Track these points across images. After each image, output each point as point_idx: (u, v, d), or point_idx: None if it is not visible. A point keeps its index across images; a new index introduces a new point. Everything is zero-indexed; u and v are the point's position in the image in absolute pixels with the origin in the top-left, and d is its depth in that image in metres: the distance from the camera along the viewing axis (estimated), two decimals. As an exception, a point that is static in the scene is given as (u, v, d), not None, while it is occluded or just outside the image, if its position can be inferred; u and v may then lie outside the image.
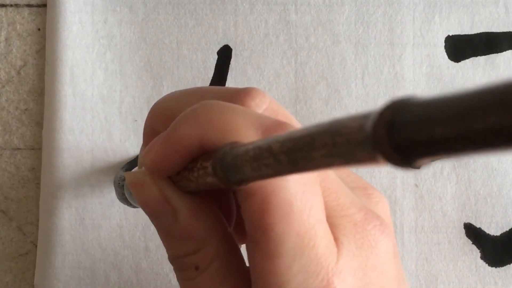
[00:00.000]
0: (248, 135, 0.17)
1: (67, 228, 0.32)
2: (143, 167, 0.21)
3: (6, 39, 0.33)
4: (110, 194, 0.32)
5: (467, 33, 0.33)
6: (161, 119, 0.22)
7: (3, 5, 0.33)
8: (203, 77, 0.33)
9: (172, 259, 0.21)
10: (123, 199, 0.28)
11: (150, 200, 0.20)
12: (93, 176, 0.32)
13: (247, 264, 0.20)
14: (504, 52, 0.33)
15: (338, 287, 0.18)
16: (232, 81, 0.33)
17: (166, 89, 0.33)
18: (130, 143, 0.33)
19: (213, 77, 0.33)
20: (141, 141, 0.33)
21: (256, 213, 0.17)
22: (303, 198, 0.17)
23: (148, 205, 0.20)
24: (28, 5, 0.33)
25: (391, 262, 0.20)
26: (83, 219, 0.32)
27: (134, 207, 0.27)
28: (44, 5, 0.33)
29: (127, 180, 0.21)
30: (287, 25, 0.33)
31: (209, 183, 0.18)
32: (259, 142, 0.15)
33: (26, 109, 0.33)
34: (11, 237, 0.33)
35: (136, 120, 0.33)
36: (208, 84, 0.33)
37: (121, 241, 0.32)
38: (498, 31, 0.33)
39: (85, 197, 0.32)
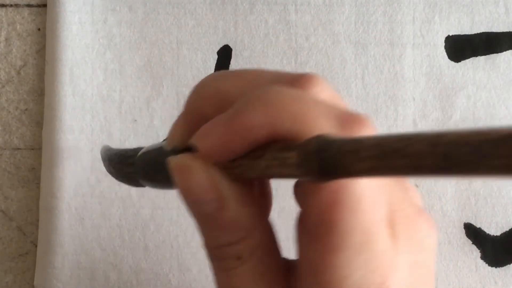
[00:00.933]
0: (325, 126, 0.17)
1: (67, 228, 0.32)
2: (174, 148, 0.20)
3: (6, 39, 0.33)
4: (110, 194, 0.32)
5: (467, 33, 0.33)
6: (211, 100, 0.20)
7: (3, 5, 0.33)
8: (203, 77, 0.33)
9: (211, 248, 0.20)
10: (128, 178, 0.27)
11: (196, 186, 0.19)
12: (93, 176, 0.32)
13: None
14: (504, 52, 0.33)
15: (393, 284, 0.17)
16: (232, 81, 0.33)
17: (166, 89, 0.33)
18: (130, 143, 0.33)
19: (213, 77, 0.33)
20: (140, 141, 0.33)
21: (324, 206, 0.17)
22: (372, 194, 0.17)
23: (193, 192, 0.19)
24: (28, 5, 0.34)
25: (434, 258, 0.20)
26: (83, 219, 0.32)
27: (136, 186, 0.26)
28: (44, 5, 0.33)
29: (171, 164, 0.19)
30: (287, 25, 0.33)
31: (283, 174, 0.17)
32: (377, 140, 0.14)
33: (26, 109, 0.33)
34: (11, 237, 0.33)
35: (135, 120, 0.33)
36: (208, 84, 0.33)
37: (120, 241, 0.32)
38: (498, 31, 0.33)
39: (85, 197, 0.32)
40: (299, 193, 0.19)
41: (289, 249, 0.20)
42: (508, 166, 0.11)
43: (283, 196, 0.33)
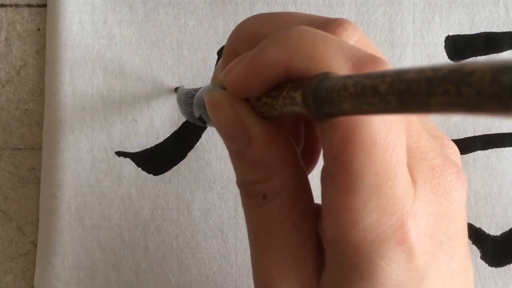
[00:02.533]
0: (339, 66, 0.17)
1: (67, 228, 0.32)
2: (217, 87, 0.20)
3: (6, 39, 0.33)
4: (110, 194, 0.32)
5: (467, 33, 0.33)
6: (245, 40, 0.21)
7: (3, 5, 0.33)
8: (203, 77, 0.33)
9: (240, 184, 0.21)
10: (191, 116, 0.28)
11: (226, 122, 0.19)
12: (93, 176, 0.32)
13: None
14: (504, 52, 0.33)
15: (411, 230, 0.17)
16: (232, 81, 0.33)
17: (166, 89, 0.33)
18: (130, 143, 0.33)
19: (213, 77, 0.33)
20: (140, 141, 0.33)
21: (337, 146, 0.17)
22: (387, 136, 0.17)
23: (223, 127, 0.20)
24: (28, 5, 0.34)
25: (462, 212, 0.19)
26: (83, 219, 0.32)
27: (203, 125, 0.27)
28: (44, 5, 0.33)
29: (205, 98, 0.20)
30: (287, 25, 0.33)
31: (295, 112, 0.17)
32: (359, 78, 0.14)
33: (26, 109, 0.33)
34: (11, 237, 0.33)
35: (135, 120, 0.33)
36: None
37: (120, 241, 0.32)
38: (498, 31, 0.33)
39: (85, 197, 0.32)
40: (319, 131, 0.19)
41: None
42: (447, 104, 0.12)
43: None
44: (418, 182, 0.18)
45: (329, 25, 0.19)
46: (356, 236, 0.17)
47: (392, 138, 0.17)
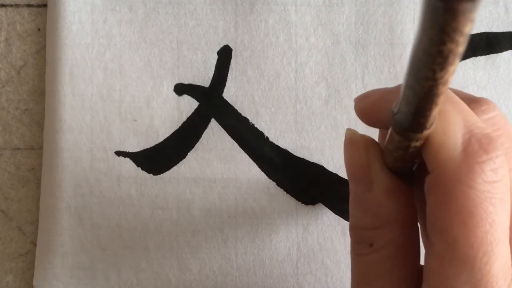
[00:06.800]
0: (455, 132, 0.18)
1: (67, 228, 0.32)
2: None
3: (6, 39, 0.33)
4: (110, 194, 0.32)
5: (467, 33, 0.33)
6: None
7: (3, 5, 0.34)
8: (203, 77, 0.33)
9: (351, 228, 0.21)
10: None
11: (354, 161, 0.20)
12: (93, 176, 0.32)
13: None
14: (504, 52, 0.33)
15: None
16: (233, 81, 0.33)
17: (166, 89, 0.33)
18: (130, 143, 0.33)
19: (213, 77, 0.33)
20: (140, 141, 0.33)
21: (434, 211, 0.17)
22: (486, 211, 0.17)
23: (351, 166, 0.20)
24: (28, 5, 0.34)
25: None
26: (83, 219, 0.32)
27: None
28: (44, 5, 0.33)
29: (346, 133, 0.21)
30: (287, 25, 0.33)
31: (396, 142, 0.18)
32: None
33: (26, 109, 0.33)
34: (11, 237, 0.33)
35: (135, 120, 0.33)
36: (209, 83, 0.33)
37: (120, 241, 0.32)
38: (498, 31, 0.33)
39: (85, 197, 0.32)
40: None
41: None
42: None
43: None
44: None
45: (469, 98, 0.20)
46: None
47: (490, 213, 0.17)
